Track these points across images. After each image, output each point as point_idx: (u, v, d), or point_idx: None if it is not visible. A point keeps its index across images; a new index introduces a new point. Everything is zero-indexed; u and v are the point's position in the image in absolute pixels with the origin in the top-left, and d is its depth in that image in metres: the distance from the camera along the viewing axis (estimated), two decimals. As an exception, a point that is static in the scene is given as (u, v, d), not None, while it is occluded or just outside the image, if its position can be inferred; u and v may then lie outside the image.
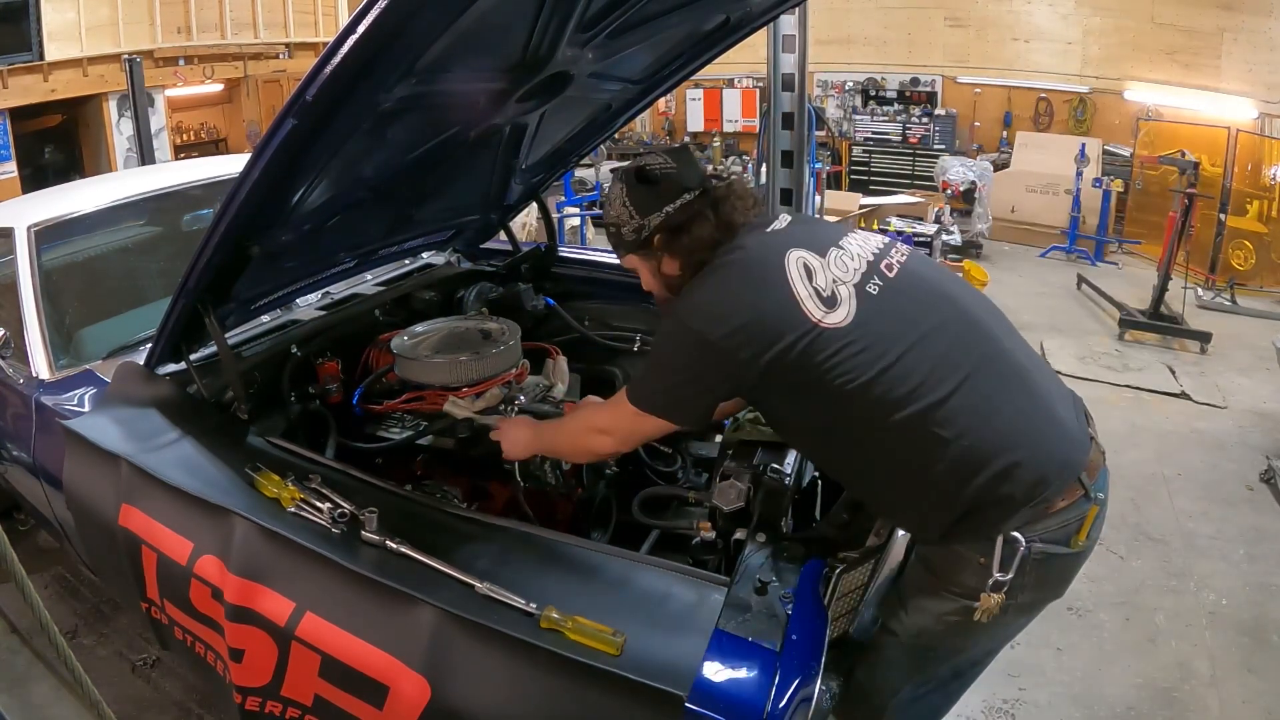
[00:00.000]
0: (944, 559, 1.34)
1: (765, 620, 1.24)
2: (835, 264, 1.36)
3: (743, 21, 2.04)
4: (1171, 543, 3.23)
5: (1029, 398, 1.34)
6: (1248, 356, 5.24)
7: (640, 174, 1.50)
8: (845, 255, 1.38)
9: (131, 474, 1.62)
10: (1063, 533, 1.31)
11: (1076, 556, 1.35)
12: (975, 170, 7.95)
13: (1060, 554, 1.31)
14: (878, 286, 1.35)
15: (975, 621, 1.31)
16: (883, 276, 1.37)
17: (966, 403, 1.27)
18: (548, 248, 2.81)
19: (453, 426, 1.89)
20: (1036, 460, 1.28)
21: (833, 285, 1.33)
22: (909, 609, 1.40)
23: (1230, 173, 6.90)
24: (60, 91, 8.01)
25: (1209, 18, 7.45)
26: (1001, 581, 1.27)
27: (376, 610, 1.31)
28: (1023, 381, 1.35)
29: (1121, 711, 2.40)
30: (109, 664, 2.52)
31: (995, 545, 1.26)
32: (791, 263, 1.33)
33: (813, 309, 1.29)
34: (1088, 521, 1.32)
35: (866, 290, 1.34)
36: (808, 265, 1.34)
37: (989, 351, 1.35)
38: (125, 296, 2.53)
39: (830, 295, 1.31)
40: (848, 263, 1.37)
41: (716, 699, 1.11)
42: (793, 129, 3.77)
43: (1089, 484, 1.32)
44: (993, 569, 1.27)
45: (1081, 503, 1.31)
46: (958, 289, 1.47)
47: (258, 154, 1.34)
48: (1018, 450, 1.27)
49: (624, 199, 1.49)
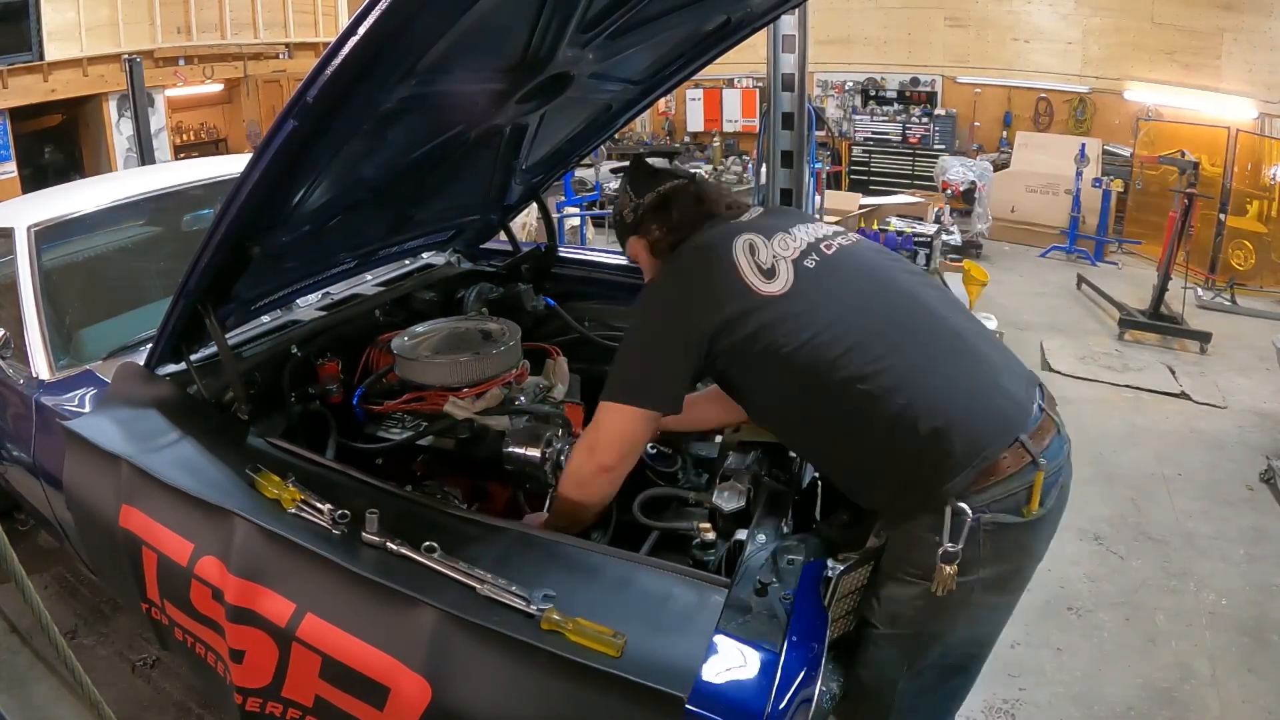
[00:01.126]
0: (901, 542, 1.36)
1: (765, 621, 1.24)
2: (778, 243, 1.50)
3: (743, 22, 2.04)
4: (1171, 543, 3.24)
5: (965, 364, 1.40)
6: (1248, 356, 5.24)
7: (640, 161, 1.73)
8: (789, 237, 1.52)
9: (132, 474, 1.62)
10: (1011, 501, 1.32)
11: (1031, 525, 1.36)
12: (975, 170, 7.96)
13: (1012, 523, 1.33)
14: (814, 262, 1.48)
15: (940, 600, 1.31)
16: (820, 254, 1.50)
17: (898, 367, 1.34)
18: (548, 248, 2.81)
19: (453, 427, 1.89)
20: (972, 421, 1.32)
21: (773, 260, 1.46)
22: (880, 599, 1.42)
23: (1230, 173, 6.91)
24: (60, 91, 8.02)
25: (1209, 18, 7.46)
26: (952, 552, 1.27)
27: (377, 611, 1.31)
28: (959, 350, 1.42)
29: (1121, 711, 2.40)
30: (109, 664, 2.52)
31: (944, 516, 1.28)
32: (738, 243, 1.48)
33: (752, 279, 1.42)
34: (1035, 488, 1.33)
35: (804, 265, 1.46)
36: (752, 244, 1.48)
37: (924, 322, 1.44)
38: (125, 297, 2.53)
39: (770, 268, 1.44)
40: (789, 242, 1.50)
41: (717, 700, 1.11)
42: (793, 129, 3.76)
43: (1034, 450, 1.33)
44: (944, 539, 1.27)
45: (1028, 469, 1.32)
46: (896, 268, 1.58)
47: (258, 155, 1.34)
48: (952, 411, 1.32)
49: (626, 184, 1.70)
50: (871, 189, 9.19)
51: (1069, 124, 8.77)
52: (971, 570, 1.31)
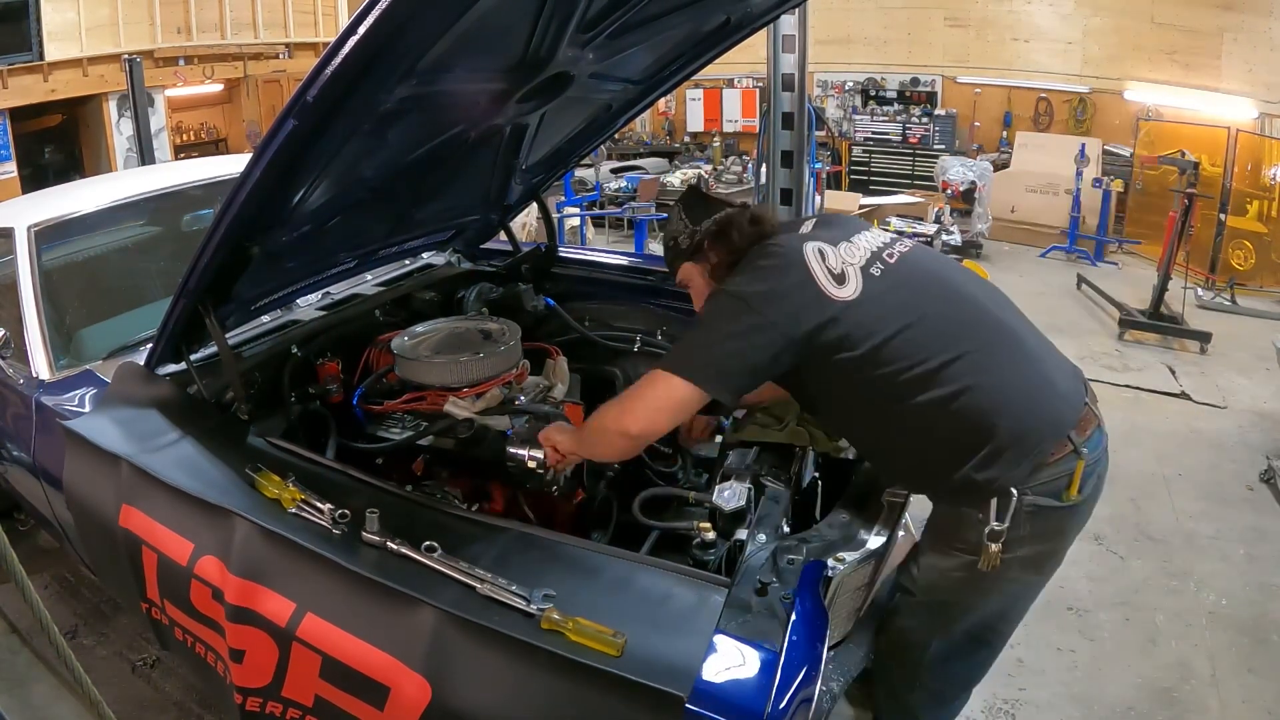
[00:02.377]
0: (949, 520, 1.48)
1: (765, 621, 1.24)
2: (844, 250, 1.56)
3: (743, 22, 2.05)
4: (1171, 543, 3.24)
5: (1021, 363, 1.49)
6: (1248, 356, 5.24)
7: (695, 191, 1.84)
8: (852, 246, 1.58)
9: (132, 474, 1.62)
10: (1053, 486, 1.43)
11: (1070, 510, 1.47)
12: (975, 170, 7.96)
13: (1052, 506, 1.44)
14: (879, 270, 1.53)
15: (981, 574, 1.43)
16: (884, 262, 1.55)
17: (961, 368, 1.42)
18: (548, 248, 2.81)
19: (453, 427, 1.89)
20: (1030, 418, 1.42)
21: (842, 266, 1.52)
22: (920, 566, 1.55)
23: (1230, 173, 6.90)
24: (60, 91, 8.02)
25: (1209, 18, 7.45)
26: (998, 530, 1.39)
27: (377, 611, 1.31)
28: (1015, 349, 1.51)
29: (1121, 711, 2.40)
30: (109, 664, 2.52)
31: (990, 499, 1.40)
32: (809, 249, 1.54)
33: (825, 284, 1.48)
34: (1076, 475, 1.44)
35: (870, 272, 1.52)
36: (821, 250, 1.54)
37: (983, 323, 1.51)
38: (125, 297, 2.53)
39: (840, 274, 1.50)
40: (854, 251, 1.57)
41: (717, 700, 1.11)
42: (793, 129, 3.76)
43: (1078, 441, 1.44)
44: (990, 519, 1.39)
45: (1070, 458, 1.44)
46: (954, 273, 1.66)
47: (258, 154, 1.34)
48: (1012, 409, 1.41)
49: (680, 214, 1.77)
50: (871, 189, 9.19)
51: (1069, 124, 8.77)
52: (1011, 548, 1.42)
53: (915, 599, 1.58)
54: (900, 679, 1.69)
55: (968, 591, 1.52)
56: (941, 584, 1.52)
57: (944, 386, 1.41)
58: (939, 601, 1.56)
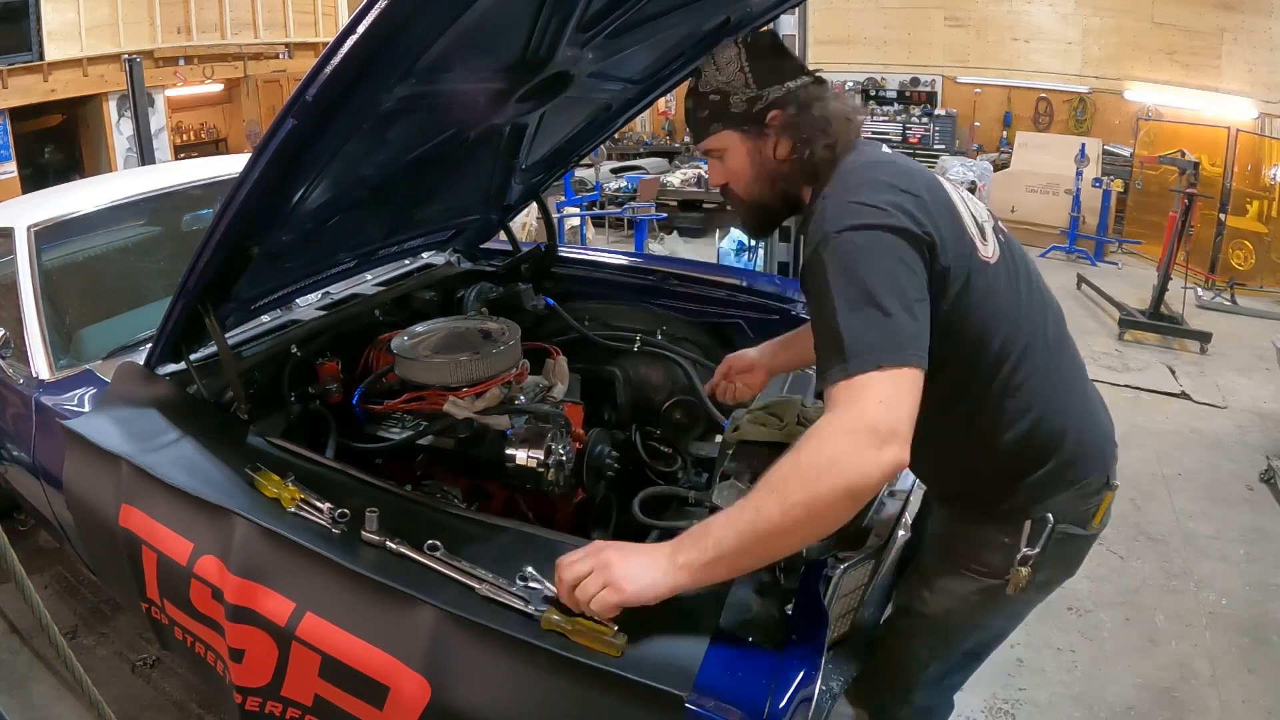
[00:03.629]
0: (969, 540, 1.40)
1: (766, 621, 1.24)
2: (972, 204, 1.30)
3: (743, 21, 2.04)
4: (1171, 543, 3.24)
5: (1083, 391, 1.41)
6: (1248, 356, 5.24)
7: (771, 40, 1.33)
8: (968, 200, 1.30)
9: (131, 474, 1.62)
10: (1081, 515, 1.37)
11: (1090, 538, 1.42)
12: (975, 170, 7.96)
13: (1077, 535, 1.38)
14: (1004, 237, 1.33)
15: (1000, 598, 1.37)
16: (1000, 231, 1.33)
17: (1043, 379, 1.31)
18: (548, 248, 2.81)
19: (453, 427, 1.89)
20: (1088, 447, 1.36)
21: (980, 220, 1.28)
22: (933, 590, 1.45)
23: (1230, 173, 6.90)
24: (60, 91, 8.02)
25: (1209, 18, 7.46)
26: (1029, 555, 1.32)
27: (377, 610, 1.30)
28: (1079, 374, 1.42)
29: (1121, 711, 2.40)
30: (109, 664, 2.52)
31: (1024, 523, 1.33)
32: (947, 183, 1.26)
33: (975, 235, 1.22)
34: (1104, 506, 1.39)
35: (999, 238, 1.31)
36: (960, 192, 1.27)
37: (1063, 335, 1.40)
38: (125, 296, 2.53)
39: (980, 227, 1.26)
40: (979, 207, 1.32)
41: (716, 699, 1.11)
42: (793, 129, 3.75)
43: (1111, 473, 1.41)
44: (1021, 544, 1.33)
45: (1102, 489, 1.38)
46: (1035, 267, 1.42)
47: (258, 154, 1.34)
48: (1076, 435, 1.34)
49: (742, 63, 1.29)
50: (871, 189, 9.18)
51: (1069, 124, 8.77)
52: (1035, 573, 1.36)
53: (923, 621, 1.48)
54: (891, 696, 1.61)
55: (980, 614, 1.45)
56: (958, 608, 1.44)
57: (1026, 394, 1.29)
58: (950, 625, 1.48)
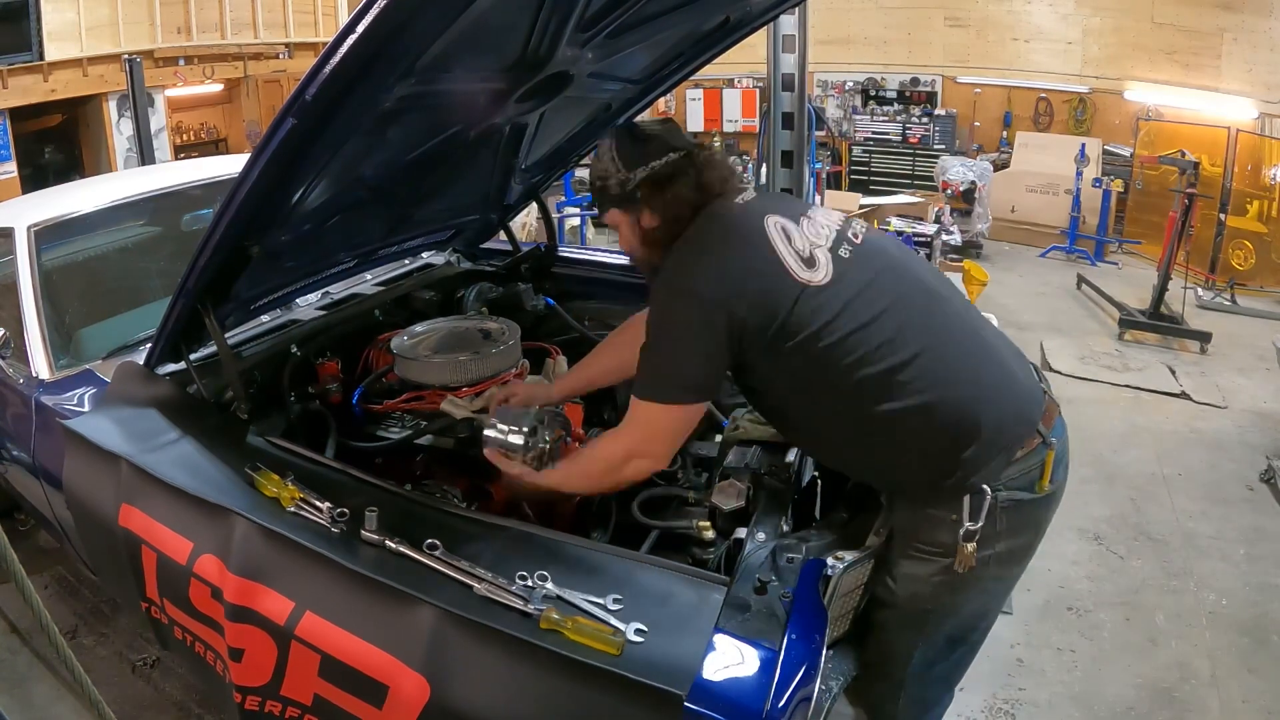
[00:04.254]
0: (919, 524, 1.41)
1: (765, 620, 1.24)
2: (808, 229, 1.44)
3: (743, 21, 2.04)
4: (1171, 543, 3.24)
5: (986, 358, 1.44)
6: (1248, 356, 5.24)
7: (630, 130, 1.56)
8: (814, 224, 1.47)
9: (131, 474, 1.62)
10: (1026, 479, 1.39)
11: (1043, 501, 1.43)
12: (975, 170, 7.95)
13: (1026, 499, 1.40)
14: (848, 251, 1.44)
15: (958, 575, 1.38)
16: (850, 244, 1.46)
17: (931, 364, 1.36)
18: (548, 248, 2.81)
19: (452, 426, 1.89)
20: (999, 416, 1.37)
21: (810, 248, 1.41)
22: (897, 578, 1.46)
23: (1230, 173, 6.90)
24: (60, 91, 8.01)
25: (1209, 18, 7.45)
26: (973, 530, 1.34)
27: (376, 609, 1.31)
28: (978, 343, 1.45)
29: (1121, 711, 2.40)
30: (109, 664, 2.52)
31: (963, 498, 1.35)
32: (770, 226, 1.41)
33: (795, 268, 1.37)
34: (1047, 466, 1.40)
35: (839, 254, 1.43)
36: (785, 229, 1.41)
37: (947, 314, 1.45)
38: (125, 296, 2.54)
39: (809, 257, 1.39)
40: (819, 230, 1.45)
41: (716, 699, 1.11)
42: (793, 129, 3.76)
43: (1045, 431, 1.41)
44: (963, 520, 1.34)
45: (1040, 449, 1.40)
46: (912, 260, 1.58)
47: (258, 154, 1.34)
48: (981, 407, 1.36)
49: (612, 153, 1.52)
50: (872, 189, 9.18)
51: (1069, 124, 8.76)
52: (988, 545, 1.38)
53: (895, 611, 1.48)
54: (883, 692, 1.60)
55: (947, 595, 1.44)
56: (922, 591, 1.43)
57: (914, 383, 1.34)
58: (921, 610, 1.47)
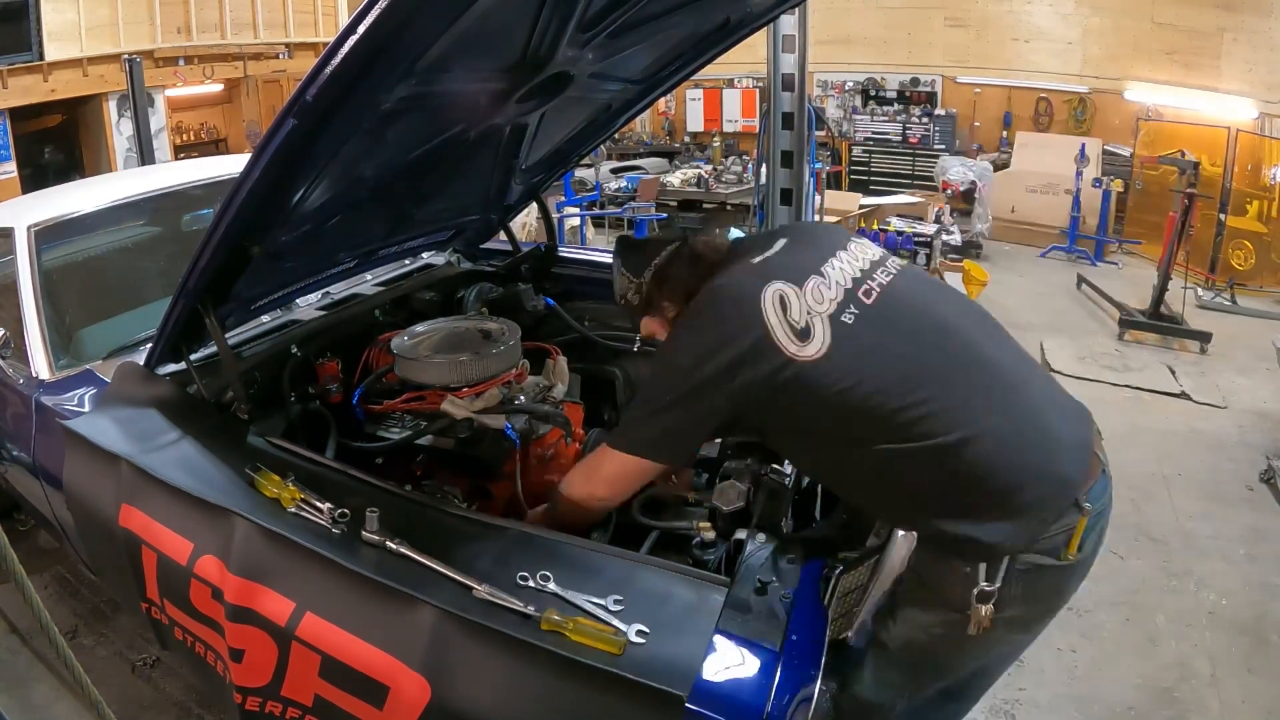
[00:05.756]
0: (934, 569, 1.33)
1: (765, 621, 1.24)
2: (811, 294, 1.38)
3: (743, 21, 2.04)
4: (1171, 543, 3.24)
5: (1022, 410, 1.34)
6: (1248, 356, 5.24)
7: (628, 243, 1.69)
8: (823, 283, 1.40)
9: (131, 474, 1.62)
10: (1051, 544, 1.28)
11: (1067, 569, 1.32)
12: (975, 170, 7.96)
13: (1048, 565, 1.29)
14: (853, 316, 1.37)
15: (963, 635, 1.30)
16: (859, 304, 1.39)
17: (955, 418, 1.27)
18: (548, 248, 2.81)
19: (453, 426, 1.89)
20: (1030, 468, 1.28)
21: (807, 317, 1.34)
22: (897, 619, 1.39)
23: (1230, 173, 6.91)
24: (60, 91, 8.01)
25: (1209, 18, 7.46)
26: (988, 592, 1.25)
27: (377, 610, 1.31)
28: (1013, 393, 1.35)
29: (1121, 711, 2.40)
30: (109, 664, 2.52)
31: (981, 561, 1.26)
32: (767, 297, 1.36)
33: (786, 343, 1.32)
34: (1077, 532, 1.28)
35: (841, 320, 1.36)
36: (784, 298, 1.36)
37: (979, 364, 1.36)
38: (125, 296, 2.53)
39: (804, 328, 1.33)
40: (824, 292, 1.39)
41: (717, 699, 1.11)
42: (793, 129, 3.76)
43: (1079, 493, 1.29)
44: (979, 579, 1.25)
45: (1072, 513, 1.28)
46: (944, 304, 1.48)
47: (258, 154, 1.34)
48: (1010, 466, 1.27)
49: (621, 268, 1.65)
50: (871, 189, 9.19)
51: (1069, 124, 8.77)
52: (1001, 609, 1.28)
53: (885, 654, 1.41)
54: None
55: (947, 651, 1.37)
56: (920, 640, 1.36)
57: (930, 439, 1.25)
58: (913, 660, 1.41)
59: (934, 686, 1.46)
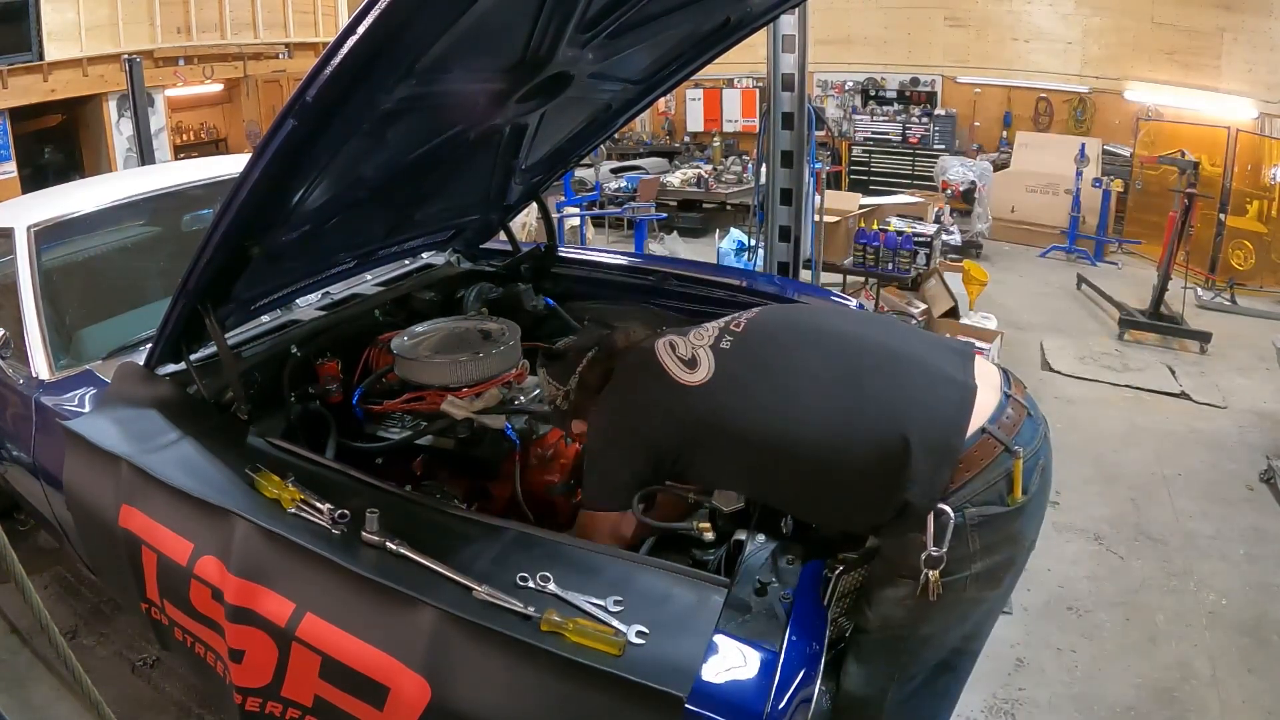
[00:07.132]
0: (895, 548, 1.38)
1: (765, 621, 1.24)
2: (694, 335, 1.60)
3: (743, 21, 2.04)
4: (1171, 543, 3.24)
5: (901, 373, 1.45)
6: (1248, 356, 5.24)
7: (550, 355, 1.79)
8: (702, 329, 1.62)
9: (131, 474, 1.62)
10: (992, 492, 1.34)
11: (1018, 512, 1.37)
12: (975, 170, 7.96)
13: (997, 513, 1.34)
14: (729, 342, 1.56)
15: (932, 601, 1.33)
16: (731, 334, 1.59)
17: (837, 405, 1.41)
18: (548, 248, 2.81)
19: (453, 426, 1.89)
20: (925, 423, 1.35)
21: (692, 350, 1.55)
22: (872, 603, 1.43)
23: (1230, 173, 6.91)
24: (60, 91, 8.01)
25: (1209, 18, 7.45)
26: (936, 556, 1.29)
27: (377, 611, 1.31)
28: (891, 361, 1.48)
29: (1121, 711, 2.40)
30: (109, 664, 2.52)
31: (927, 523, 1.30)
32: (660, 345, 1.58)
33: (678, 373, 1.52)
34: (1015, 475, 1.34)
35: (720, 348, 1.55)
36: (672, 342, 1.58)
37: (851, 352, 1.51)
38: (125, 296, 2.53)
39: (690, 358, 1.54)
40: (703, 333, 1.60)
41: (716, 700, 1.11)
42: (793, 129, 3.76)
43: (1006, 439, 1.36)
44: (928, 544, 1.29)
45: (1003, 458, 1.34)
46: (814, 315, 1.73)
47: (258, 154, 1.34)
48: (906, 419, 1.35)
49: (546, 378, 1.75)
50: (871, 189, 9.18)
51: (1069, 124, 8.77)
52: (963, 567, 1.33)
53: (870, 637, 1.45)
54: None
55: (922, 621, 1.40)
56: (896, 616, 1.39)
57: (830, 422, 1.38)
58: (893, 637, 1.44)
59: (920, 666, 1.49)
